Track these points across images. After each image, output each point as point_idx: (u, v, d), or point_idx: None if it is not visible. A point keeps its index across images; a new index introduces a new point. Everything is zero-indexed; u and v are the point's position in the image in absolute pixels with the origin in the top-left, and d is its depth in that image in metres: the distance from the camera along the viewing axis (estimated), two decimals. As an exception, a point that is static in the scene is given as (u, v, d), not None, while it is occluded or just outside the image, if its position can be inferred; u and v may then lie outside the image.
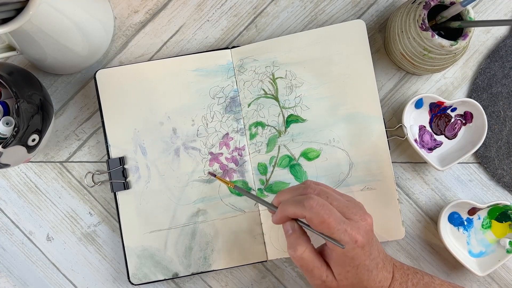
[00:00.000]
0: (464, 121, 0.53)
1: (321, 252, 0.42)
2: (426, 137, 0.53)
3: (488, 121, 0.51)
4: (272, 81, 0.53)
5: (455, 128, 0.53)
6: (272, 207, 0.43)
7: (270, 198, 0.52)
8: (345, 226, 0.38)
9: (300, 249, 0.40)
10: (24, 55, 0.49)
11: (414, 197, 0.54)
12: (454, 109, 0.53)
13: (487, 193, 0.54)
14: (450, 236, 0.53)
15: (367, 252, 0.39)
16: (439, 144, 0.53)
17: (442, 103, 0.51)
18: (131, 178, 0.53)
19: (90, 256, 0.55)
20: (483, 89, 0.53)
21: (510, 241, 0.51)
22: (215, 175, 0.50)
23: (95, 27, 0.51)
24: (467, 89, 0.54)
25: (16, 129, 0.42)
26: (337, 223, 0.38)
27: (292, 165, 0.53)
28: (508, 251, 0.51)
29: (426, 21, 0.45)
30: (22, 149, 0.44)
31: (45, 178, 0.55)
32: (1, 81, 0.43)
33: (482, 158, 0.53)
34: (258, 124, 0.53)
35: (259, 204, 0.52)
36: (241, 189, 0.49)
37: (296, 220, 0.41)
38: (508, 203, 0.51)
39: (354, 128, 0.52)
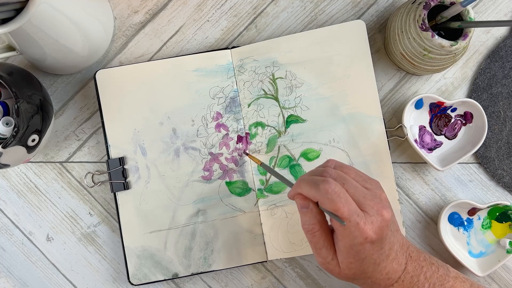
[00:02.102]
0: (464, 121, 0.53)
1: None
2: (426, 138, 0.53)
3: (488, 121, 0.51)
4: (272, 81, 0.53)
5: (455, 128, 0.53)
6: (292, 185, 0.42)
7: (270, 198, 0.52)
8: (358, 219, 0.36)
9: (314, 228, 0.39)
10: (24, 55, 0.49)
11: (414, 197, 0.54)
12: (454, 109, 0.53)
13: (487, 193, 0.54)
14: (450, 236, 0.53)
15: (376, 247, 0.38)
16: (439, 144, 0.53)
17: (442, 103, 0.51)
18: (131, 178, 0.53)
19: (90, 256, 0.55)
20: (483, 89, 0.53)
21: (510, 241, 0.51)
22: (247, 154, 0.52)
23: (95, 27, 0.51)
24: (467, 89, 0.54)
25: (16, 129, 0.42)
26: (350, 214, 0.36)
27: (292, 166, 0.52)
28: (508, 251, 0.51)
29: (426, 21, 0.45)
30: (22, 149, 0.44)
31: (45, 178, 0.55)
32: (1, 81, 0.43)
33: (482, 159, 0.53)
34: (258, 124, 0.53)
35: (259, 205, 0.52)
36: (268, 167, 0.48)
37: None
38: (508, 204, 0.51)
39: (354, 129, 0.52)
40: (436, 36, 0.45)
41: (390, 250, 0.39)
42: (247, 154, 0.52)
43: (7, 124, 0.45)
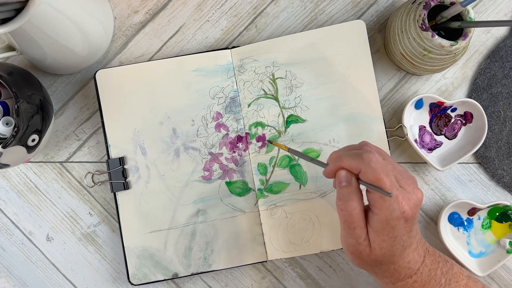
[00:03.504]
0: (464, 121, 0.53)
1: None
2: (426, 137, 0.53)
3: (488, 121, 0.51)
4: (272, 81, 0.53)
5: (455, 128, 0.53)
6: (324, 165, 0.41)
7: (270, 198, 0.52)
8: (397, 193, 0.37)
9: (352, 204, 0.38)
10: (24, 55, 0.49)
11: (414, 197, 0.54)
12: (454, 109, 0.53)
13: (487, 193, 0.54)
14: (450, 236, 0.53)
15: (408, 227, 0.38)
16: (439, 144, 0.53)
17: (442, 103, 0.51)
18: (131, 178, 0.53)
19: (90, 256, 0.55)
20: (483, 89, 0.53)
21: (510, 241, 0.51)
22: (271, 142, 0.52)
23: (95, 27, 0.51)
24: (467, 89, 0.54)
25: (16, 129, 0.42)
26: (391, 186, 0.36)
27: (292, 166, 0.52)
28: (508, 251, 0.51)
29: (426, 21, 0.45)
30: (22, 149, 0.44)
31: (45, 178, 0.55)
32: (1, 81, 0.43)
33: (482, 158, 0.53)
34: (258, 124, 0.53)
35: (259, 205, 0.52)
36: (296, 152, 0.47)
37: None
38: (508, 203, 0.51)
39: (354, 128, 0.52)
40: (436, 36, 0.45)
41: (413, 239, 0.39)
42: (271, 142, 0.52)
43: (7, 124, 0.45)
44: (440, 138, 0.53)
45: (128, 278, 0.52)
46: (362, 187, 0.39)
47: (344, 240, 0.40)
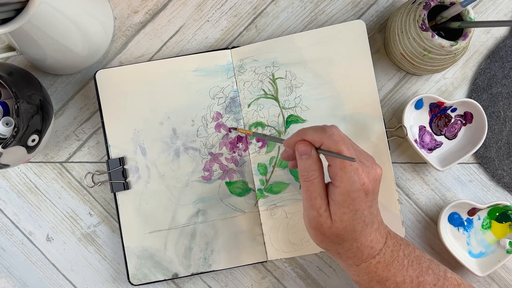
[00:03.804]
0: (464, 122, 0.53)
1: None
2: (426, 138, 0.53)
3: (488, 122, 0.51)
4: (272, 82, 0.53)
5: (455, 128, 0.53)
6: (281, 141, 0.44)
7: (270, 198, 0.52)
8: (357, 165, 0.38)
9: (314, 174, 0.40)
10: (24, 55, 0.48)
11: (414, 197, 0.54)
12: (454, 110, 0.53)
13: (487, 193, 0.54)
14: (450, 236, 0.53)
15: (368, 202, 0.39)
16: (439, 144, 0.53)
17: (442, 103, 0.51)
18: (131, 178, 0.53)
19: (90, 256, 0.55)
20: (483, 89, 0.53)
21: (510, 241, 0.51)
22: (236, 128, 0.52)
23: (95, 27, 0.51)
24: (467, 90, 0.54)
25: (16, 129, 0.42)
26: (352, 156, 0.38)
27: (292, 166, 0.52)
28: (508, 252, 0.51)
29: (426, 21, 0.45)
30: (22, 150, 0.44)
31: (45, 178, 0.55)
32: (1, 81, 0.43)
33: (482, 159, 0.53)
34: (258, 124, 0.53)
35: (259, 205, 0.52)
36: (260, 134, 0.50)
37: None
38: (508, 204, 0.51)
39: (354, 129, 0.52)
40: (436, 36, 0.45)
41: (375, 218, 0.41)
42: (235, 129, 0.52)
43: (7, 124, 0.45)
44: (440, 138, 0.53)
45: (128, 278, 0.52)
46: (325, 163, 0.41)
47: (306, 215, 0.41)
